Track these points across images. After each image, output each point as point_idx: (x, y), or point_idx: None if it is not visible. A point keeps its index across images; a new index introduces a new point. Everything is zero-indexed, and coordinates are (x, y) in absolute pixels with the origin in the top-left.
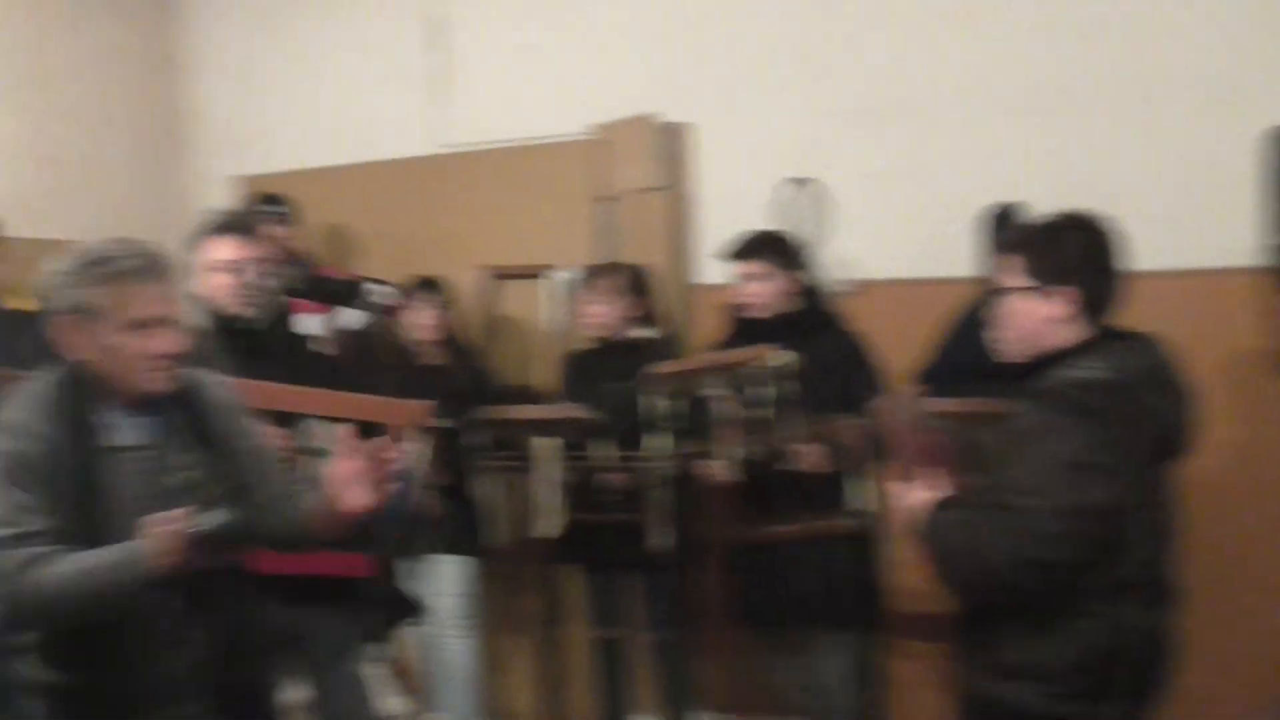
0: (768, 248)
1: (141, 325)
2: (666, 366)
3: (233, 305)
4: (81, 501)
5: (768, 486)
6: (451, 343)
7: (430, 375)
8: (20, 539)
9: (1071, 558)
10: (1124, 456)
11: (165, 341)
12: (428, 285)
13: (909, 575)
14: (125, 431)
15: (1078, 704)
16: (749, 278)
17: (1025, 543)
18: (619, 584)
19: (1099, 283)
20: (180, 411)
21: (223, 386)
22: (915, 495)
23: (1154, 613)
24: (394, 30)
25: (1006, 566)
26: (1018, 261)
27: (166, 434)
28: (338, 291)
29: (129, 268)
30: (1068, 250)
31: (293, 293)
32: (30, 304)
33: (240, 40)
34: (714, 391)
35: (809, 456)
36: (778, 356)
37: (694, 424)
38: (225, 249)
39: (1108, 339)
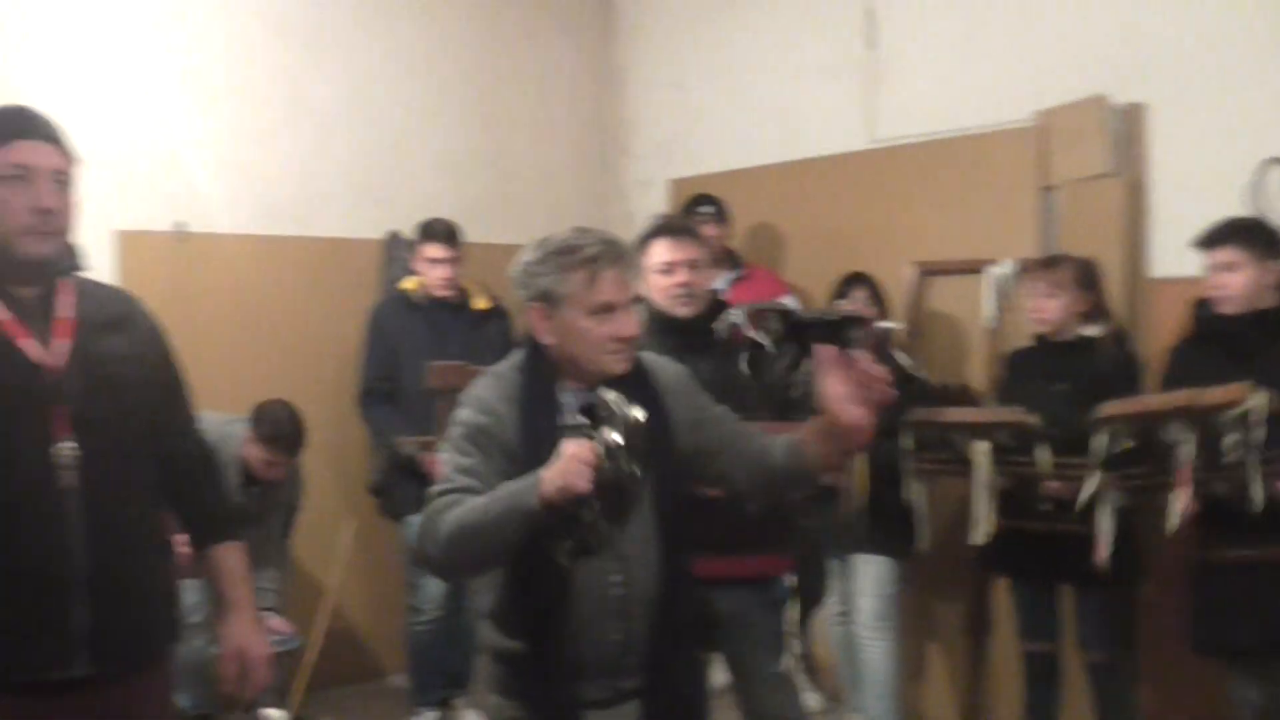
0: (1241, 234)
1: (605, 309)
2: (1119, 407)
3: (670, 305)
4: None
5: (1232, 512)
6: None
7: None
8: (447, 493)
9: None
10: None
11: (626, 325)
12: (857, 280)
13: None
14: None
15: None
16: (1219, 268)
17: None
18: (1051, 597)
19: None
20: (636, 391)
21: (673, 367)
22: None
23: None
24: (824, 27)
25: None
26: None
27: None
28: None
29: (593, 254)
30: None
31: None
32: (485, 303)
33: (675, 50)
34: (1176, 436)
35: None
36: (1254, 398)
37: (1148, 454)
38: (662, 251)
39: None
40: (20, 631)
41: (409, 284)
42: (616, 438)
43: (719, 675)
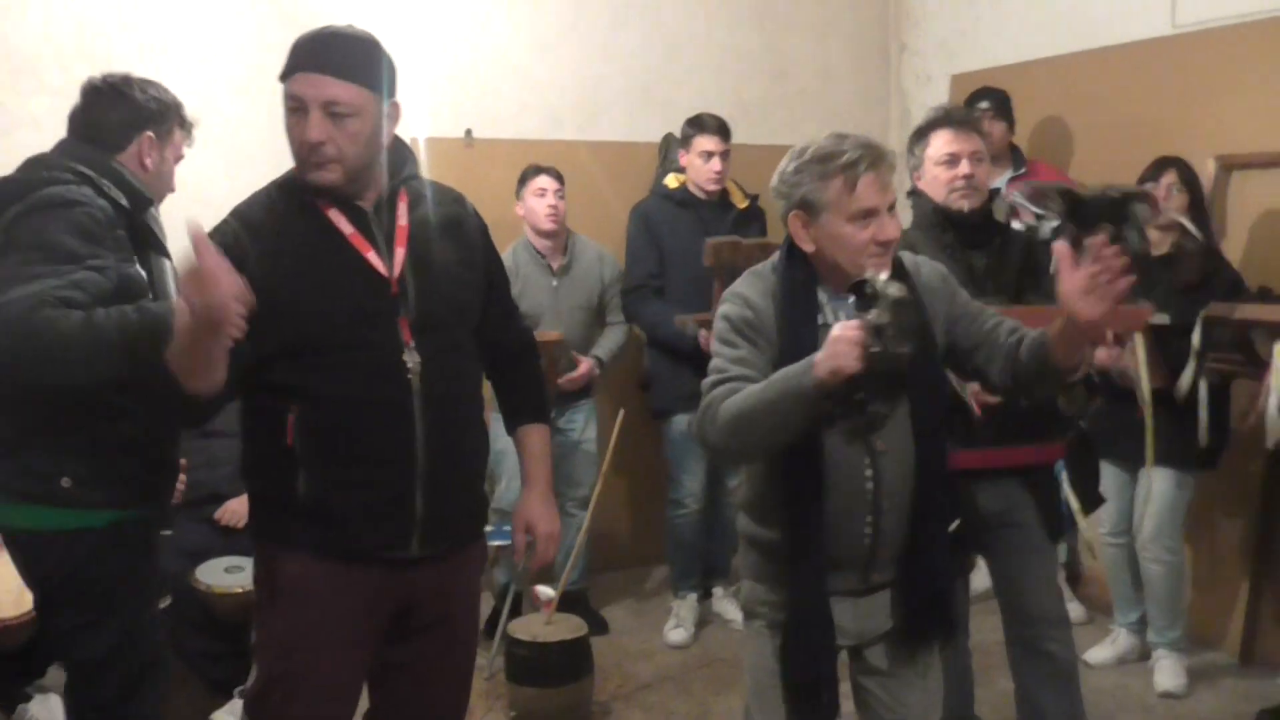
0: None
1: (865, 214)
2: None
3: (950, 198)
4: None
5: None
6: (1185, 232)
7: (1159, 267)
8: (722, 382)
9: None
10: None
11: (886, 228)
12: (1166, 164)
13: None
14: (839, 313)
15: None
16: None
17: None
18: None
19: None
20: None
21: (931, 267)
22: None
23: None
24: None
25: None
26: None
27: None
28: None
29: (852, 159)
30: None
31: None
32: (744, 202)
33: None
34: None
35: None
36: None
37: None
38: (944, 142)
39: None
40: (374, 516)
41: (671, 181)
42: (884, 316)
43: (981, 579)
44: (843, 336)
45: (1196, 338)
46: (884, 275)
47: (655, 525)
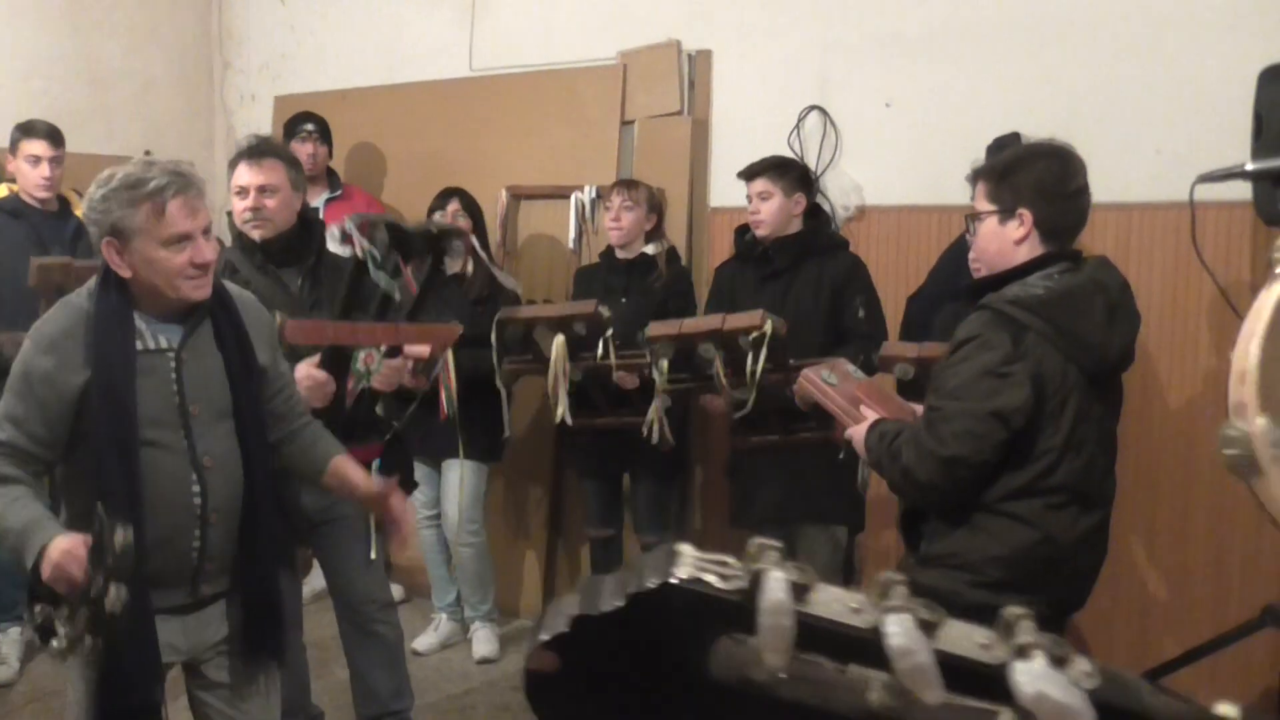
0: (773, 169)
1: (178, 240)
2: (663, 328)
3: (245, 228)
4: (109, 400)
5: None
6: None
7: (455, 284)
8: None
9: (973, 456)
10: (1040, 369)
11: (201, 251)
12: (452, 194)
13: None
14: (159, 337)
15: (991, 594)
16: (755, 197)
17: (934, 440)
18: (615, 488)
19: (1053, 208)
20: (221, 317)
21: (250, 298)
22: (855, 430)
23: (1080, 519)
24: None
25: (916, 463)
26: (982, 188)
27: (191, 339)
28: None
29: (159, 186)
30: (1021, 177)
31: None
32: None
33: None
34: (708, 355)
35: (800, 391)
36: (771, 323)
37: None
38: (239, 175)
39: (1058, 260)
40: None
41: (1, 190)
42: (109, 559)
43: (317, 580)
44: (71, 552)
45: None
46: (118, 532)
47: None
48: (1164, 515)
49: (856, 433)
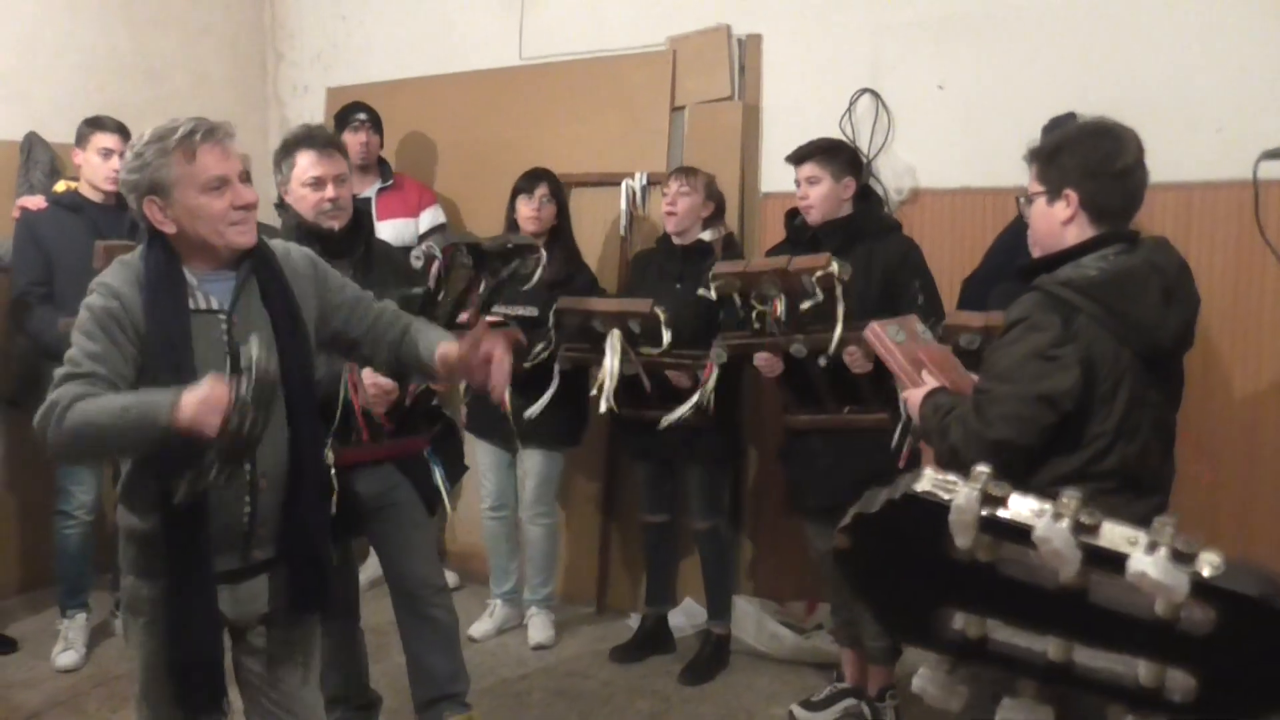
0: (821, 153)
1: (216, 184)
2: (729, 266)
3: (320, 219)
4: (166, 358)
5: (813, 382)
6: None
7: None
8: (73, 377)
9: (1020, 439)
10: (1091, 352)
11: (241, 194)
12: (541, 176)
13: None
14: (211, 297)
15: None
16: (804, 182)
17: (981, 423)
18: (669, 474)
19: (1100, 187)
20: (263, 273)
21: (301, 253)
22: (912, 393)
23: (1133, 506)
24: None
25: (963, 444)
26: (1034, 169)
27: (241, 300)
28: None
29: (186, 132)
30: (1067, 157)
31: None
32: None
33: None
34: (770, 292)
35: (853, 356)
36: (837, 265)
37: (749, 321)
38: (309, 165)
39: (1113, 241)
40: None
41: (59, 186)
42: (248, 394)
43: (373, 568)
44: (211, 398)
45: (551, 327)
46: (254, 341)
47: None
48: (1227, 502)
49: (913, 396)
